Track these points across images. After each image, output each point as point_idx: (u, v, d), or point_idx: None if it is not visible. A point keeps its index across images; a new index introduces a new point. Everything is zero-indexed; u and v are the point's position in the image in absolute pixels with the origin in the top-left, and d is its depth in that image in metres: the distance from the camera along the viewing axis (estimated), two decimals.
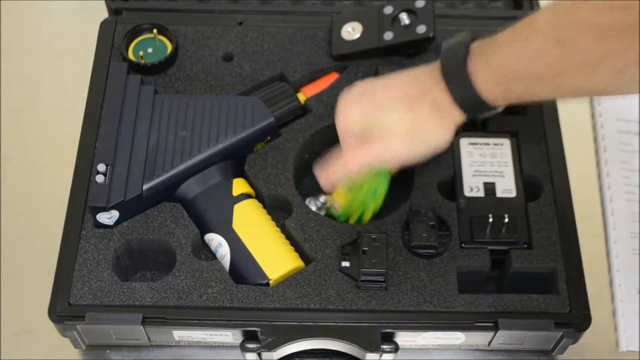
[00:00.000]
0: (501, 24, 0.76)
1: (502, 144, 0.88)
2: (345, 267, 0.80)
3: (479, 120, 0.91)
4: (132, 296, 0.78)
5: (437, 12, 0.90)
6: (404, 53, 0.92)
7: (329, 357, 0.81)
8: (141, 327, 0.77)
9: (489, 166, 0.86)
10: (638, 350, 0.85)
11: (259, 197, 0.86)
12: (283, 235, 0.83)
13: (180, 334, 0.79)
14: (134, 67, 0.90)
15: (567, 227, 0.83)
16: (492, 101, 0.73)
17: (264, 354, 0.77)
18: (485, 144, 0.88)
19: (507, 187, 0.85)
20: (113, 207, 0.80)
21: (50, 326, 0.78)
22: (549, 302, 0.79)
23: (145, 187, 0.81)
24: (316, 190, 0.86)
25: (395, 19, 0.91)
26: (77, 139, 0.87)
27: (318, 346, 0.78)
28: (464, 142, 0.88)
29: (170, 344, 0.82)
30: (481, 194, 0.85)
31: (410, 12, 0.91)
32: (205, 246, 0.85)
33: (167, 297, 0.78)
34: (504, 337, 0.79)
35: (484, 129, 0.90)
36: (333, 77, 0.92)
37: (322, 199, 0.87)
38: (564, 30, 0.64)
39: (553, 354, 0.83)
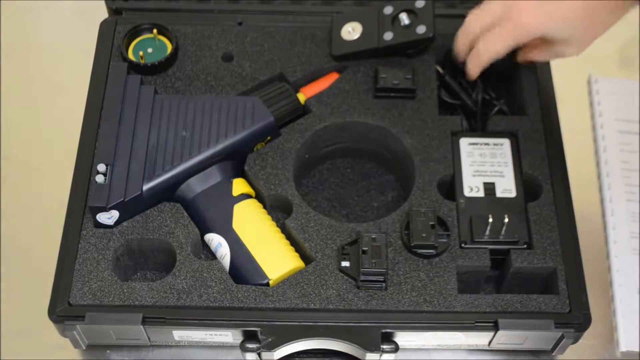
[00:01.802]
0: None
1: (502, 144, 0.88)
2: (345, 267, 0.80)
3: (478, 120, 0.91)
4: (132, 296, 0.78)
5: (437, 12, 0.90)
6: (404, 53, 0.92)
7: (329, 357, 0.81)
8: (141, 327, 0.77)
9: (488, 166, 0.86)
10: (638, 350, 0.85)
11: (259, 197, 0.86)
12: (283, 235, 0.83)
13: (180, 334, 0.79)
14: (134, 67, 0.90)
15: (567, 227, 0.83)
16: None
17: (264, 354, 0.77)
18: (485, 144, 0.88)
19: (507, 187, 0.85)
20: (113, 207, 0.80)
21: (50, 326, 0.78)
22: (549, 302, 0.79)
23: (145, 187, 0.81)
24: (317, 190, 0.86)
25: (395, 19, 0.91)
26: (77, 139, 0.87)
27: (318, 346, 0.78)
28: (464, 142, 0.88)
29: (170, 344, 0.82)
30: (481, 194, 0.85)
31: (410, 12, 0.91)
32: (205, 246, 0.85)
33: (167, 297, 0.78)
34: (503, 337, 0.79)
35: (483, 129, 0.90)
36: (333, 77, 0.92)
37: None
38: None
39: (553, 354, 0.82)
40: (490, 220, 0.82)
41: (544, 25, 0.80)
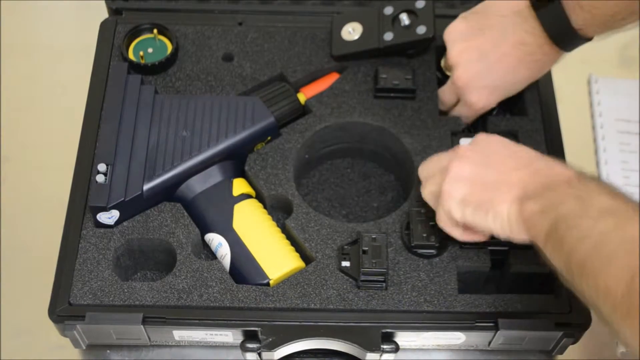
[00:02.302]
0: None
1: None
2: (345, 267, 0.80)
3: (479, 120, 0.91)
4: (132, 296, 0.78)
5: (437, 12, 0.90)
6: (404, 54, 0.92)
7: (329, 357, 0.81)
8: (141, 327, 0.77)
9: None
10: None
11: (259, 197, 0.86)
12: (283, 235, 0.83)
13: (180, 334, 0.79)
14: (134, 67, 0.90)
15: None
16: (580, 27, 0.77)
17: (264, 354, 0.77)
18: None
19: None
20: (113, 207, 0.80)
21: (50, 326, 0.78)
22: (549, 302, 0.79)
23: (145, 187, 0.81)
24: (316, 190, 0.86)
25: (395, 19, 0.91)
26: (77, 139, 0.87)
27: (318, 346, 0.78)
28: (464, 142, 0.88)
29: (170, 343, 0.82)
30: None
31: (411, 12, 0.91)
32: (206, 246, 0.85)
33: (167, 297, 0.78)
34: (503, 338, 0.79)
35: (484, 129, 0.90)
36: (333, 77, 0.92)
37: None
38: None
39: (553, 354, 0.83)
40: None
41: (491, 101, 0.87)
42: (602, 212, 0.63)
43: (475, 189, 0.73)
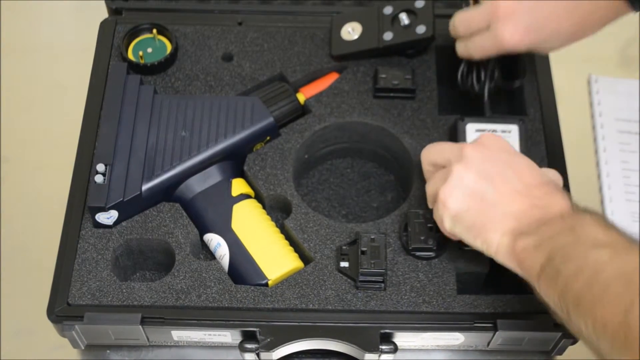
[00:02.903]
0: None
1: (509, 131, 0.86)
2: (344, 267, 0.80)
3: (487, 106, 0.89)
4: (131, 296, 0.78)
5: (437, 12, 0.90)
6: (404, 53, 0.92)
7: (327, 357, 0.81)
8: (140, 327, 0.77)
9: None
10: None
11: (258, 197, 0.86)
12: (282, 236, 0.83)
13: (179, 334, 0.79)
14: (134, 67, 0.90)
15: None
16: None
17: (263, 354, 0.77)
18: (493, 130, 0.86)
19: None
20: (112, 207, 0.80)
21: (50, 326, 0.78)
22: None
23: (144, 187, 0.81)
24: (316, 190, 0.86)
25: (394, 19, 0.91)
26: (77, 139, 0.87)
27: (317, 346, 0.78)
28: (471, 128, 0.86)
29: (169, 344, 0.82)
30: None
31: (410, 12, 0.91)
32: (204, 246, 0.85)
33: (166, 297, 0.78)
34: (502, 338, 0.79)
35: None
36: (333, 77, 0.92)
37: None
38: None
39: (552, 354, 0.82)
40: None
41: (524, 42, 0.80)
42: (595, 244, 0.62)
43: (471, 206, 0.72)
